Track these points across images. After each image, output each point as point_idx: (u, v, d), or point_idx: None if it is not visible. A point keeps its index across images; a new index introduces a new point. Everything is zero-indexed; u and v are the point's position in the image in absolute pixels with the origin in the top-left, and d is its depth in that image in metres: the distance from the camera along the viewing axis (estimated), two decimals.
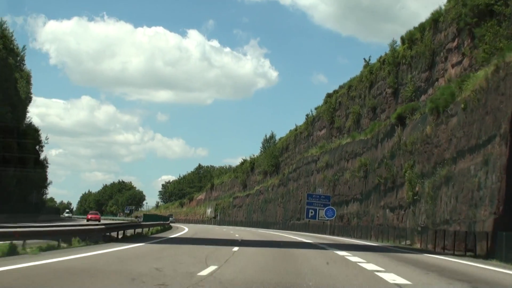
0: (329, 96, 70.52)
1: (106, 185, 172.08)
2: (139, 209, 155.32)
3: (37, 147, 69.46)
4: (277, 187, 77.59)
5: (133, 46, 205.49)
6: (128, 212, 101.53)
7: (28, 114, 67.66)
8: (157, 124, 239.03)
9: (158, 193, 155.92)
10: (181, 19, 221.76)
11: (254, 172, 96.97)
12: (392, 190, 41.08)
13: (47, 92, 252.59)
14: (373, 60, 57.36)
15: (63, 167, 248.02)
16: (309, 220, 57.95)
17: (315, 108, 76.56)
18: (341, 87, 68.82)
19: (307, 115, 78.72)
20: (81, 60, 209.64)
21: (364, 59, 60.26)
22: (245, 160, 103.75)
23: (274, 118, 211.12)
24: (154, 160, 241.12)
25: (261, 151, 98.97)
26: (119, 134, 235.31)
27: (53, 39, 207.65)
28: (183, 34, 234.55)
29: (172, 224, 55.62)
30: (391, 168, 41.23)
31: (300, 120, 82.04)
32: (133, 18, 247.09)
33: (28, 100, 70.21)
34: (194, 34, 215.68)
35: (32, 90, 71.91)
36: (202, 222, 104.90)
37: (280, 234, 48.57)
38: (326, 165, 59.81)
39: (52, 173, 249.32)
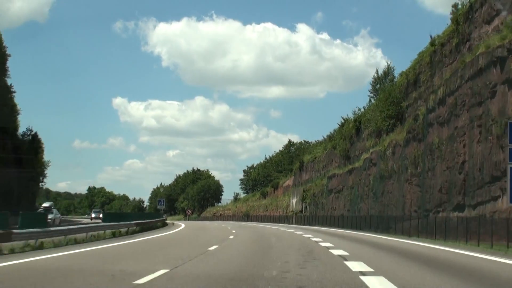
0: None
1: (178, 175, 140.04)
2: (217, 204, 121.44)
3: None
4: (402, 147, 39.59)
5: (242, 43, 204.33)
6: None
7: None
8: (270, 121, 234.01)
9: (239, 182, 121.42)
10: (289, 14, 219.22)
11: (360, 135, 59.31)
12: None
13: (161, 94, 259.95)
14: None
15: (181, 167, 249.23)
16: None
17: None
18: None
19: (453, 7, 39.91)
20: (193, 60, 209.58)
21: None
22: (346, 120, 66.29)
23: None
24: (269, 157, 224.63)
25: (370, 100, 61.17)
26: (234, 133, 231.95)
27: (164, 41, 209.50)
28: (292, 29, 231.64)
29: None
30: None
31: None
32: (241, 15, 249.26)
33: None
34: (303, 28, 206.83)
35: None
36: (286, 220, 68.80)
37: None
38: None
39: (169, 173, 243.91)
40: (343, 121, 67.83)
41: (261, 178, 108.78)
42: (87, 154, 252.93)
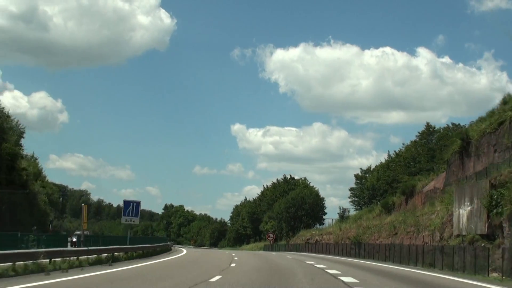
0: None
1: (266, 187, 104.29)
2: (318, 225, 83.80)
3: None
4: None
5: (361, 68, 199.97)
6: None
7: None
8: (390, 147, 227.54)
9: (348, 194, 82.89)
10: (409, 37, 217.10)
11: None
12: None
13: (279, 120, 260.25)
14: None
15: None
16: None
17: None
18: None
19: None
20: (310, 86, 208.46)
21: None
22: None
23: None
24: None
25: None
26: (353, 159, 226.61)
27: (281, 67, 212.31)
28: (412, 53, 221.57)
29: None
30: None
31: None
32: (359, 40, 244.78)
33: None
34: (423, 52, 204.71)
35: None
36: (446, 257, 30.84)
37: None
38: None
39: None
40: None
41: (382, 185, 70.36)
42: (207, 180, 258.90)
